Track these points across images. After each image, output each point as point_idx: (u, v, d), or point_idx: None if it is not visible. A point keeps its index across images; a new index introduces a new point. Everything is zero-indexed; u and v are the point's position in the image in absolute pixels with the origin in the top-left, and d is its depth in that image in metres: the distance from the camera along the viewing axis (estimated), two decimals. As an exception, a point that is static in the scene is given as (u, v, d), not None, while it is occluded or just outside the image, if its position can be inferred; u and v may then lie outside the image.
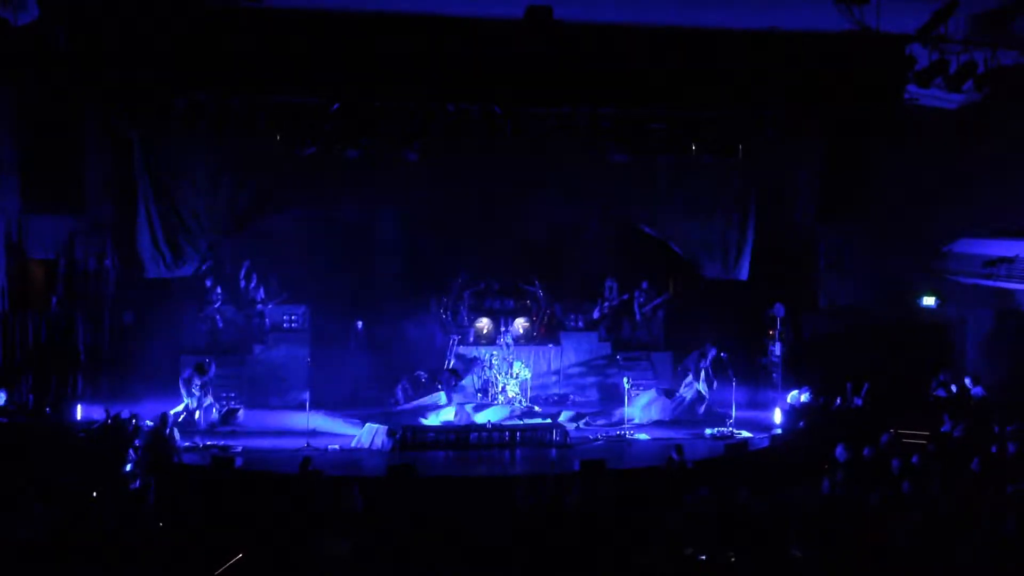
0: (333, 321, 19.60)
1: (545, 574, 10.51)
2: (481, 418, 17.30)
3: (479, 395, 18.64)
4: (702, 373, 17.94)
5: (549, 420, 17.45)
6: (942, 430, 15.20)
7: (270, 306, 19.29)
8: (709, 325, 19.48)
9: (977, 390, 17.06)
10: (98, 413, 16.03)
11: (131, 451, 14.15)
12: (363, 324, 19.80)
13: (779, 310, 18.89)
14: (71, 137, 15.61)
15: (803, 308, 19.29)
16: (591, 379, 19.78)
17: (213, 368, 17.27)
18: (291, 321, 19.30)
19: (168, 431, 14.46)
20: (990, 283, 17.84)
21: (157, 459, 13.80)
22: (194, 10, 13.40)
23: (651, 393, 18.21)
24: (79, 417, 16.15)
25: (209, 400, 17.01)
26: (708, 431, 17.15)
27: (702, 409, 17.93)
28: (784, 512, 11.38)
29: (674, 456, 14.01)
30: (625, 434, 17.01)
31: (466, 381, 18.94)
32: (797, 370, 18.51)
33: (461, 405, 17.71)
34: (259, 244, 19.65)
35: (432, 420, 17.41)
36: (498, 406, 17.93)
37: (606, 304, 20.13)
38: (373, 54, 14.44)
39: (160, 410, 17.07)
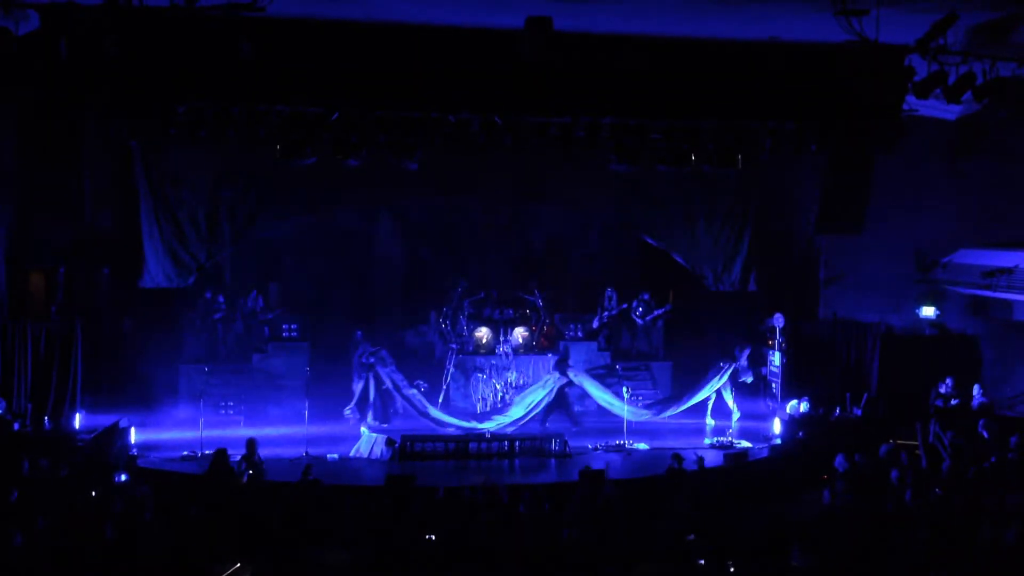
0: (332, 330, 19.58)
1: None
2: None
3: (479, 404, 18.62)
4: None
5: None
6: (930, 439, 15.24)
7: (269, 315, 19.28)
8: (709, 335, 19.52)
9: (981, 399, 17.03)
10: (97, 421, 16.05)
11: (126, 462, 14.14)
12: (362, 333, 19.79)
13: (778, 320, 18.90)
14: (71, 145, 15.54)
15: (803, 318, 19.30)
16: (590, 388, 19.77)
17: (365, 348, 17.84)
18: (290, 331, 19.29)
19: (256, 457, 14.02)
20: (989, 294, 17.87)
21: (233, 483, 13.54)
22: (195, 19, 13.40)
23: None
24: (78, 426, 16.13)
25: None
26: (708, 440, 17.16)
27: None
28: (784, 521, 11.37)
29: (674, 465, 14.01)
30: (625, 443, 17.01)
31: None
32: (797, 380, 18.51)
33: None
34: (259, 253, 19.66)
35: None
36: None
37: (605, 314, 20.13)
38: (374, 64, 14.45)
39: (158, 417, 17.18)
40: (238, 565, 10.16)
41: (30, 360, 16.24)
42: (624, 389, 17.77)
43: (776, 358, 18.99)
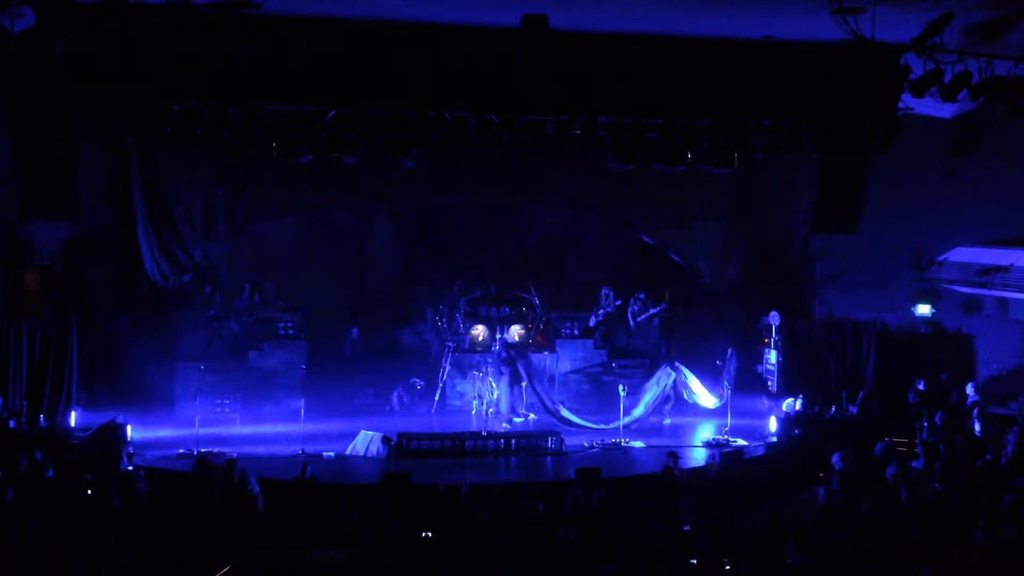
0: (329, 328, 19.57)
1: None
2: None
3: (475, 402, 18.63)
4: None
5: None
6: (923, 435, 15.27)
7: (265, 313, 19.25)
8: (705, 333, 19.53)
9: (975, 397, 17.03)
10: (93, 419, 16.02)
11: (124, 459, 14.11)
12: (359, 331, 19.78)
13: (774, 318, 18.92)
14: (67, 143, 15.56)
15: (799, 317, 19.33)
16: (587, 387, 19.76)
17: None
18: (286, 328, 19.27)
19: (238, 475, 12.95)
20: (985, 292, 17.90)
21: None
22: (191, 17, 13.39)
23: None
24: (74, 424, 16.12)
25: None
26: (703, 439, 17.17)
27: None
28: (779, 520, 11.38)
29: (670, 463, 14.03)
30: (621, 442, 17.02)
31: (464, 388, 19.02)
32: (792, 378, 18.53)
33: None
34: (255, 251, 19.64)
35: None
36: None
37: (602, 312, 20.13)
38: (370, 62, 14.43)
39: (154, 415, 17.16)
40: (234, 564, 10.17)
41: (25, 358, 16.24)
42: (621, 387, 17.76)
43: (772, 356, 19.01)
